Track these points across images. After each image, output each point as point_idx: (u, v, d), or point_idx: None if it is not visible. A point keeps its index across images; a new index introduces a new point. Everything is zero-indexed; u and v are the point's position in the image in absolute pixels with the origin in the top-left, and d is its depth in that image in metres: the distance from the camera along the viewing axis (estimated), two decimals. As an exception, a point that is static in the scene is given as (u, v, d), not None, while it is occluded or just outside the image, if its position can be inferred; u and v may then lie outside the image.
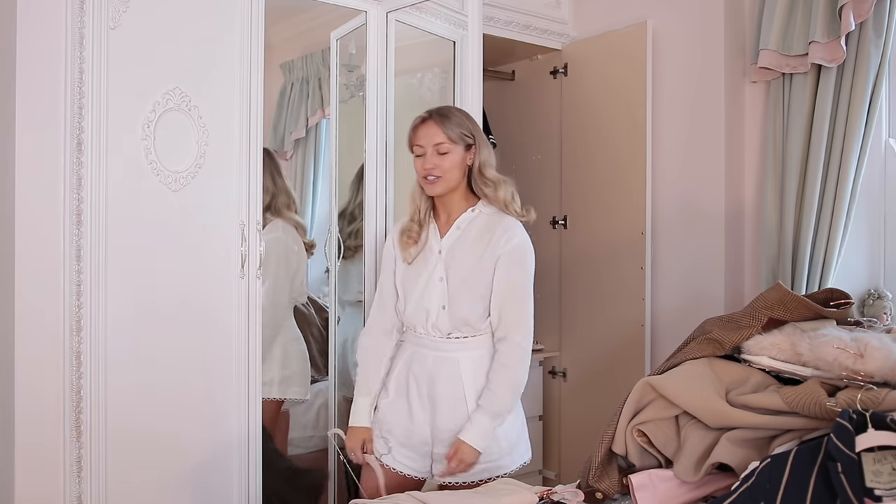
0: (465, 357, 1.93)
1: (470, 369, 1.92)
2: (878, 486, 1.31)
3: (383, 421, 1.98)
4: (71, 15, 1.86)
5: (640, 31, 2.84)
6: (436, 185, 1.93)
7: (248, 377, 2.16)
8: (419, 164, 1.95)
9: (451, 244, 1.96)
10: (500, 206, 1.95)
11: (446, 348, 1.93)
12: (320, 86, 3.23)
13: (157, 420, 2.01)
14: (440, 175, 1.92)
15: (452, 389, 1.91)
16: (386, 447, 1.97)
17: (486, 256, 1.91)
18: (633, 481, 1.62)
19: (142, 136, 1.97)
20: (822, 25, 2.28)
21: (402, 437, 1.96)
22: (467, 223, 1.96)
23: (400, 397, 1.97)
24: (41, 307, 1.86)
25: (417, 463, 1.96)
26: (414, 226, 1.99)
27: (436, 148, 1.92)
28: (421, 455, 1.96)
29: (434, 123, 1.94)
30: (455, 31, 2.54)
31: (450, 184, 1.94)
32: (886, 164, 2.47)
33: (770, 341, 1.74)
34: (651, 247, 2.85)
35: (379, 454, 1.98)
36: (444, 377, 1.92)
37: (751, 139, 2.68)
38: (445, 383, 1.92)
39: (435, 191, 1.95)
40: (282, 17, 2.93)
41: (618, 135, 2.95)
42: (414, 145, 1.96)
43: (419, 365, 1.95)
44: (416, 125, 1.97)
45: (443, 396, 1.91)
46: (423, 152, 1.94)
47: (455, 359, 1.93)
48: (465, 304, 1.91)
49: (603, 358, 3.03)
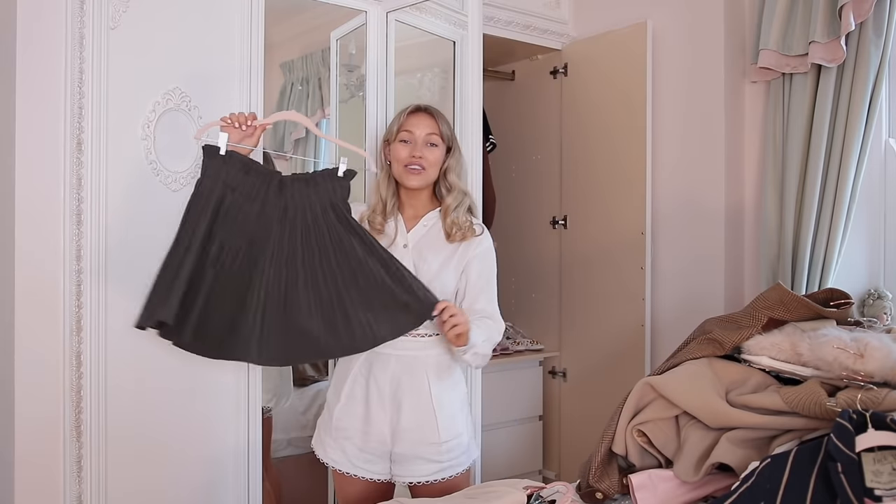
0: (429, 356, 1.92)
1: (434, 369, 1.92)
2: (878, 486, 1.31)
3: (339, 427, 1.94)
4: (71, 15, 1.86)
5: (640, 31, 2.84)
6: (418, 176, 1.92)
7: (248, 378, 2.16)
8: (405, 152, 1.92)
9: (417, 239, 1.95)
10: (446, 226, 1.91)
11: (410, 347, 1.91)
12: (320, 86, 3.23)
13: (158, 420, 2.02)
14: (425, 167, 1.92)
15: (418, 389, 1.90)
16: (344, 456, 1.94)
17: (456, 258, 1.92)
18: (633, 481, 1.62)
19: (142, 136, 1.97)
20: (822, 25, 2.28)
21: (359, 440, 1.92)
22: (433, 221, 1.96)
23: (354, 401, 1.93)
24: (41, 307, 1.86)
25: (377, 465, 1.94)
26: (377, 216, 1.95)
27: (427, 139, 1.93)
28: (379, 456, 1.93)
29: (430, 116, 1.95)
30: (455, 31, 2.54)
31: (428, 179, 1.94)
32: (886, 164, 2.47)
33: (770, 341, 1.74)
34: (651, 247, 2.85)
35: (336, 464, 1.95)
36: (409, 377, 1.90)
37: (751, 139, 2.68)
38: (411, 383, 1.90)
39: (414, 182, 1.93)
40: (282, 17, 2.93)
41: (618, 135, 2.95)
42: (404, 130, 1.94)
43: (381, 368, 1.92)
44: (410, 112, 1.96)
45: (409, 397, 1.90)
46: (412, 139, 1.93)
47: (419, 358, 1.91)
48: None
49: (603, 358, 3.03)
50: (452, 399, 1.96)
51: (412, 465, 1.91)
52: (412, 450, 1.90)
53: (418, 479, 1.91)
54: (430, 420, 1.89)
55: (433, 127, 1.93)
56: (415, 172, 1.92)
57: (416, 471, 1.91)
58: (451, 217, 1.93)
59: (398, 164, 1.94)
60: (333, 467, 1.96)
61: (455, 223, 1.93)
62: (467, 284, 1.94)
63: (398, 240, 1.94)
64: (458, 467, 1.95)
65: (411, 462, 1.91)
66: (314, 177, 1.88)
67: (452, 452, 1.93)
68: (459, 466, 1.95)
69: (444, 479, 1.92)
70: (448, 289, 1.93)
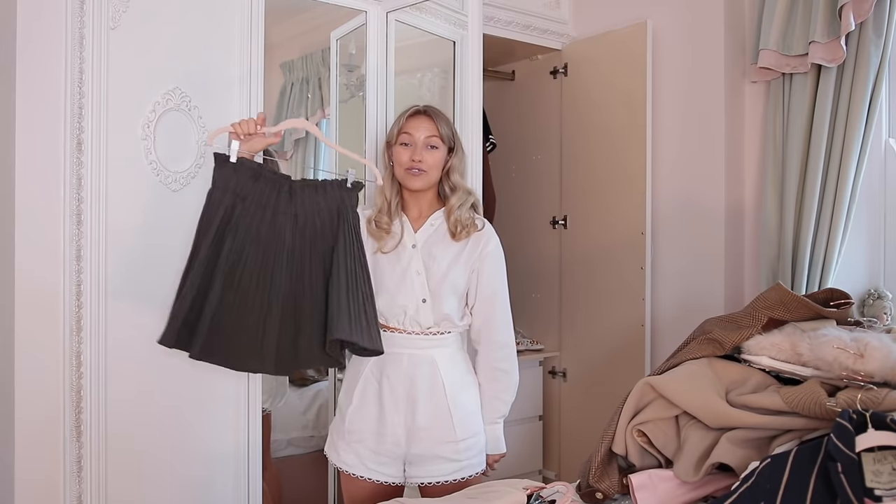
0: (442, 354, 1.93)
1: (447, 366, 1.93)
2: (878, 486, 1.31)
3: (352, 430, 1.93)
4: (71, 15, 1.86)
5: (640, 31, 2.84)
6: (419, 178, 1.93)
7: (248, 379, 2.16)
8: (406, 155, 1.93)
9: (425, 239, 1.95)
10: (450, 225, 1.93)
11: (423, 345, 1.92)
12: (320, 86, 3.23)
13: (157, 421, 2.02)
14: (425, 170, 1.92)
15: (433, 387, 1.90)
16: (357, 459, 1.93)
17: (465, 255, 1.93)
18: (633, 481, 1.62)
19: (142, 136, 1.97)
20: (822, 25, 2.28)
21: (373, 443, 1.91)
22: (440, 221, 1.97)
23: (367, 402, 1.93)
24: (41, 307, 1.86)
25: (390, 468, 1.93)
26: (384, 217, 1.95)
27: (427, 141, 1.93)
28: (393, 459, 1.92)
29: (429, 118, 1.95)
30: (455, 31, 2.53)
31: (430, 180, 1.95)
32: (886, 164, 2.47)
33: (770, 341, 1.74)
34: (651, 247, 2.85)
35: (349, 467, 1.94)
36: (423, 375, 1.90)
37: (751, 139, 2.68)
38: (425, 381, 1.90)
39: (416, 184, 1.93)
40: (282, 17, 2.93)
41: (618, 135, 2.95)
42: (403, 133, 1.94)
43: (393, 366, 1.91)
44: (410, 115, 1.96)
45: (423, 395, 1.90)
46: (412, 142, 1.93)
47: (432, 356, 1.92)
48: (446, 298, 1.91)
49: (603, 358, 3.03)
50: (468, 398, 1.95)
51: (429, 465, 1.90)
52: (430, 449, 1.89)
53: (435, 479, 1.90)
54: (445, 418, 1.89)
55: (432, 129, 1.94)
56: (415, 175, 1.92)
57: (434, 471, 1.90)
58: (455, 216, 1.93)
59: (399, 168, 1.95)
60: (346, 471, 1.94)
61: (458, 221, 1.93)
62: (478, 290, 1.95)
63: (405, 240, 1.95)
64: (476, 467, 1.94)
65: (428, 462, 1.90)
66: (324, 184, 1.89)
67: (470, 451, 1.92)
68: (477, 466, 1.95)
69: (462, 480, 1.91)
70: (459, 288, 1.93)
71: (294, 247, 1.84)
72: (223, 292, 1.80)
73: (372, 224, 1.95)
